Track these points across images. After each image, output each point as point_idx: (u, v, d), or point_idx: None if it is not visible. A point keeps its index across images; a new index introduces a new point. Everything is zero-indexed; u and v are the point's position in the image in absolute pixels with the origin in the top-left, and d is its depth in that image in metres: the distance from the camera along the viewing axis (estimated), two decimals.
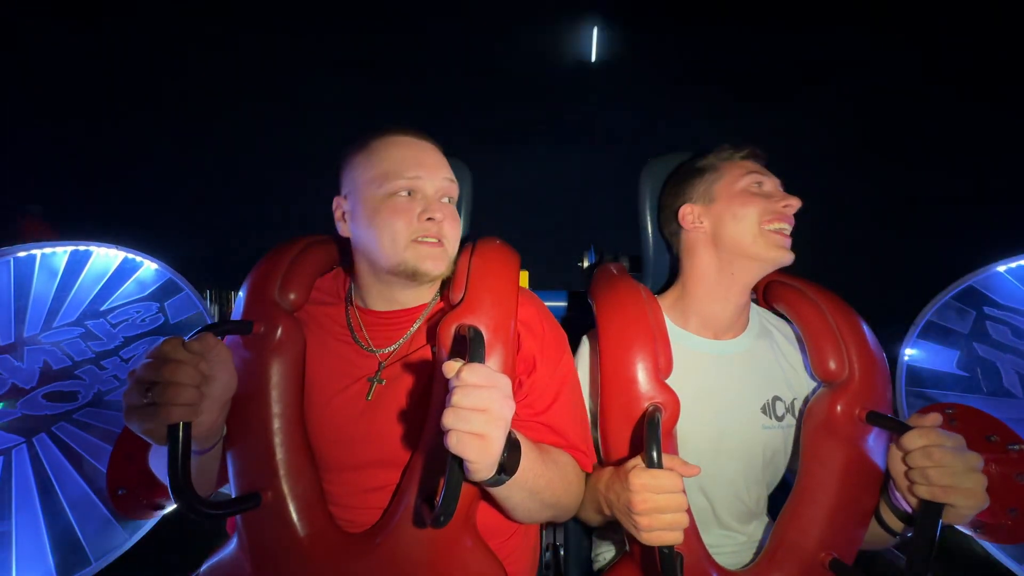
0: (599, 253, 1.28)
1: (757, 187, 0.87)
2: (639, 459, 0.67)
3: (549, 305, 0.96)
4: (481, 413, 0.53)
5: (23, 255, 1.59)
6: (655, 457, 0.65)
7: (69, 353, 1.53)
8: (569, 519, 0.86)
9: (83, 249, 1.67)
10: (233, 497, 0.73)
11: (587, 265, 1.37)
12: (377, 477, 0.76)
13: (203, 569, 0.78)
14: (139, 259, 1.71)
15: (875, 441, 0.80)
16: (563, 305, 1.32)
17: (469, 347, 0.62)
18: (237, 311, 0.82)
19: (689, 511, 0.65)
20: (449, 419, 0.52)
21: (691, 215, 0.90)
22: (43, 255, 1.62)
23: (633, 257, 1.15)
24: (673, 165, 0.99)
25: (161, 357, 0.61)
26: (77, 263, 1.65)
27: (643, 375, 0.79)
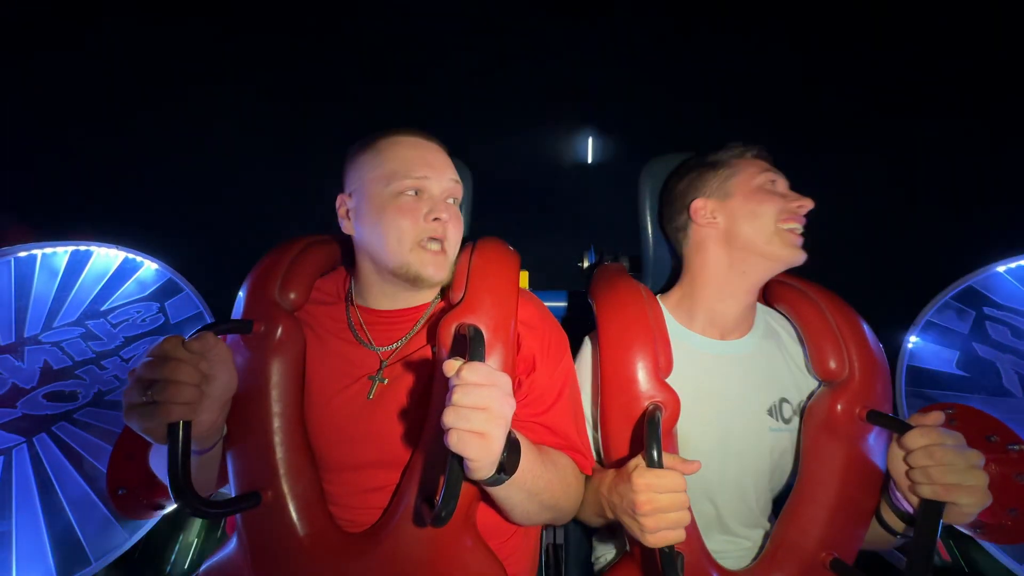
0: (599, 253, 1.28)
1: (772, 185, 0.86)
2: (639, 459, 0.67)
3: (549, 305, 0.96)
4: (481, 411, 0.53)
5: (24, 255, 1.60)
6: (655, 456, 0.65)
7: (69, 353, 1.53)
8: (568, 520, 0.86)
9: (84, 249, 1.67)
10: (233, 496, 0.73)
11: (587, 265, 1.37)
12: (377, 477, 0.76)
13: (203, 569, 0.78)
14: (139, 259, 1.71)
15: (875, 440, 0.80)
16: (563, 305, 1.32)
17: (469, 346, 0.62)
18: (237, 310, 0.82)
19: (690, 510, 0.65)
20: (449, 417, 0.52)
21: (704, 210, 0.87)
22: (44, 255, 1.62)
23: (633, 257, 1.14)
24: (673, 165, 0.98)
25: (161, 356, 0.61)
26: (78, 263, 1.65)
27: (643, 374, 0.79)
